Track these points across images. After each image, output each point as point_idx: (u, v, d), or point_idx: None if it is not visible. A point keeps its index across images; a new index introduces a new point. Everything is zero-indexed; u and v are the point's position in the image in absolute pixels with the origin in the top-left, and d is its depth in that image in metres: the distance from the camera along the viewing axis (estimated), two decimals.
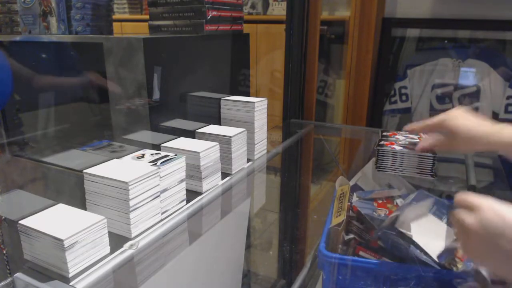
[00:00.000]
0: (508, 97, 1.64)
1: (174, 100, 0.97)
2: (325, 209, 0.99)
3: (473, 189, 0.97)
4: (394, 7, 1.85)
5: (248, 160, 1.03)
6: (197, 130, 0.96)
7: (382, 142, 1.07)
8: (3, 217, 0.69)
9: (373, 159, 1.06)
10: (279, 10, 2.16)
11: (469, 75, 1.72)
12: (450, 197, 1.15)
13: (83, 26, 1.06)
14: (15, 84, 0.98)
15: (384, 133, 1.17)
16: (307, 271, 0.98)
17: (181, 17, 1.06)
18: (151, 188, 0.69)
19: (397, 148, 1.02)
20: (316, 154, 1.64)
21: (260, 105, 1.04)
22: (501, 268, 0.48)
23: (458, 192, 0.53)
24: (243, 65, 1.25)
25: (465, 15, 1.72)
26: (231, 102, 1.05)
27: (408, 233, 0.86)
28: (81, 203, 0.69)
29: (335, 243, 0.83)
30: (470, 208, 0.50)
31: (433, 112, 1.78)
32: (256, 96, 1.08)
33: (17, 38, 1.13)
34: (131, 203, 0.65)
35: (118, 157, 0.76)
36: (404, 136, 1.15)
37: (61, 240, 0.55)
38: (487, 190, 1.11)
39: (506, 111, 1.65)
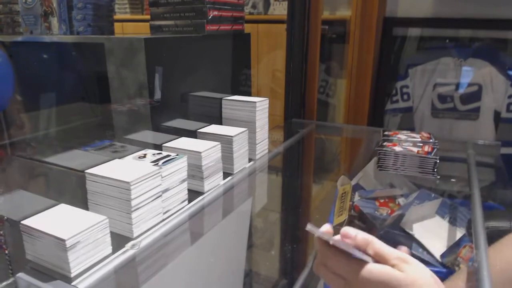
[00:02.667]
0: (510, 96, 1.64)
1: (176, 100, 0.97)
2: (327, 209, 0.99)
3: None
4: (395, 7, 1.85)
5: (250, 160, 1.03)
6: (198, 130, 0.96)
7: (384, 143, 1.07)
8: (6, 217, 0.69)
9: (375, 158, 1.06)
10: (280, 10, 2.16)
11: (471, 74, 1.71)
12: (452, 196, 1.15)
13: (84, 27, 1.06)
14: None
15: (386, 133, 1.17)
16: (308, 271, 0.98)
17: (182, 17, 1.06)
18: (153, 188, 0.69)
19: (398, 149, 1.02)
20: (318, 153, 1.64)
21: (261, 104, 1.04)
22: None
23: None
24: (244, 65, 1.25)
25: (466, 14, 1.71)
26: (233, 102, 1.05)
27: (411, 232, 0.86)
28: (83, 203, 0.69)
29: None
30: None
31: (435, 111, 1.78)
32: (258, 96, 1.08)
33: (19, 38, 1.13)
34: (133, 203, 0.65)
35: (119, 157, 0.76)
36: (405, 135, 1.15)
37: (63, 240, 0.55)
38: (489, 190, 1.11)
39: (508, 110, 1.64)
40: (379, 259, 0.45)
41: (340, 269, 0.46)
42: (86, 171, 0.68)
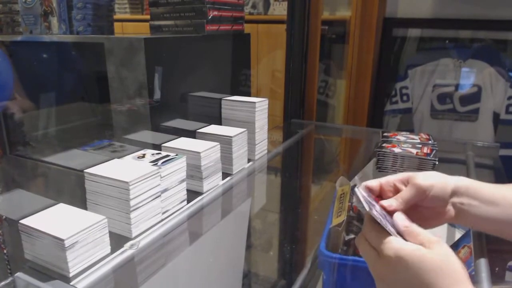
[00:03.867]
0: (509, 98, 1.64)
1: (175, 100, 0.97)
2: (326, 209, 0.99)
3: None
4: (395, 7, 1.85)
5: (249, 160, 1.03)
6: (198, 130, 0.96)
7: (383, 144, 1.07)
8: (4, 217, 0.69)
9: (374, 159, 1.06)
10: (280, 10, 2.16)
11: (470, 75, 1.72)
12: None
13: (84, 26, 1.06)
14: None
15: (385, 134, 1.17)
16: (307, 272, 0.98)
17: (182, 17, 1.06)
18: (152, 188, 0.69)
19: (397, 150, 1.02)
20: (317, 154, 1.64)
21: (261, 105, 1.04)
22: None
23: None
24: (244, 65, 1.25)
25: (466, 15, 1.71)
26: (232, 102, 1.05)
27: None
28: (81, 203, 0.69)
29: (335, 243, 0.83)
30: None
31: (434, 112, 1.78)
32: (257, 96, 1.08)
33: (18, 38, 1.13)
34: (132, 203, 0.65)
35: (119, 157, 0.76)
36: (404, 136, 1.15)
37: (62, 240, 0.55)
38: None
39: (507, 112, 1.65)
40: (411, 239, 0.48)
41: (376, 241, 0.50)
42: (85, 170, 0.68)
